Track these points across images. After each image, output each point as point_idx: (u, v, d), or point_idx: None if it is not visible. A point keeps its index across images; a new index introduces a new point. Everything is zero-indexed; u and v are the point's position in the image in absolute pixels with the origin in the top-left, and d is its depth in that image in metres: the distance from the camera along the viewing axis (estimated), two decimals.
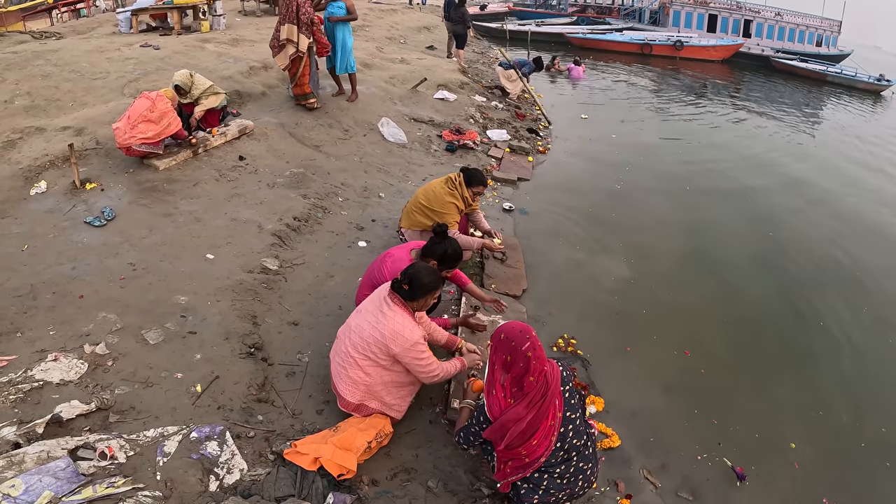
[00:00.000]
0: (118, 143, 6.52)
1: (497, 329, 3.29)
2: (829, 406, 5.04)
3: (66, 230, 5.57)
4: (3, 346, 4.03)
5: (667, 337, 5.68)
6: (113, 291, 4.72)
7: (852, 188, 10.55)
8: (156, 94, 6.65)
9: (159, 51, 10.77)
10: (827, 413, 4.96)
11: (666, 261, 7.11)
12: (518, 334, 3.17)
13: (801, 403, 5.06)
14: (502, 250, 6.16)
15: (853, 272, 7.27)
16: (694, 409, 4.85)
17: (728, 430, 4.66)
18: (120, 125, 6.48)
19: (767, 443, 4.58)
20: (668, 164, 10.77)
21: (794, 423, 4.82)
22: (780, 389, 5.19)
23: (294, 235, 6.19)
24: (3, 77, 8.88)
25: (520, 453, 3.20)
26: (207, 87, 7.60)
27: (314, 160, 7.98)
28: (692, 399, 4.95)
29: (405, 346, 3.55)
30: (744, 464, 4.32)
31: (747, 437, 4.61)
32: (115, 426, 3.45)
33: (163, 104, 6.63)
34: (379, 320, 3.61)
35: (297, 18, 8.39)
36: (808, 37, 27.54)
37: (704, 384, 5.14)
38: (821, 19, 27.76)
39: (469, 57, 17.41)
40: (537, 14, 34.62)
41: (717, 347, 5.63)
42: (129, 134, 6.41)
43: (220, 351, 4.29)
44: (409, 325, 3.62)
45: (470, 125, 10.90)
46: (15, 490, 2.80)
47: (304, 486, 3.20)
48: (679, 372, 5.26)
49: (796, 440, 4.63)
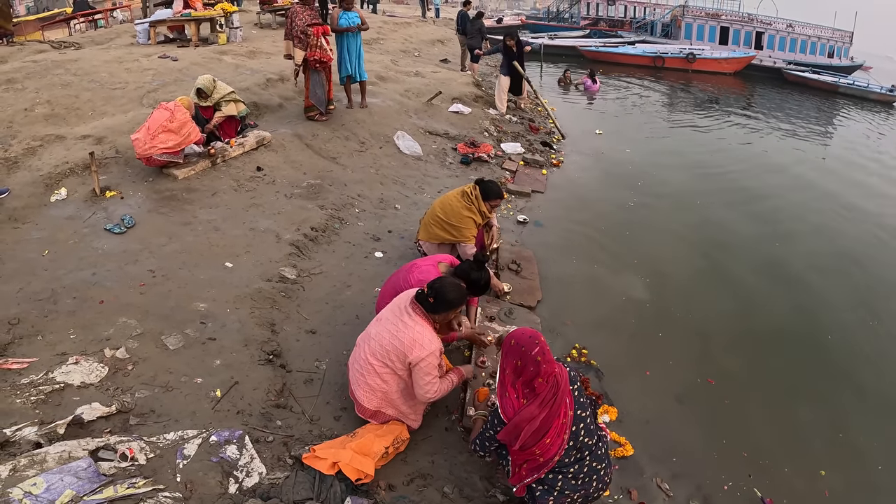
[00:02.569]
0: (138, 154, 6.60)
1: (507, 336, 3.38)
2: (848, 428, 4.95)
3: (86, 236, 5.64)
4: (24, 348, 4.10)
5: (680, 348, 5.67)
6: (133, 297, 4.78)
7: (871, 200, 10.47)
8: (174, 105, 6.74)
9: (177, 62, 10.92)
10: (847, 435, 4.89)
11: (680, 275, 7.09)
12: (528, 340, 3.27)
13: (818, 418, 5.02)
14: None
15: (872, 289, 7.18)
16: (707, 420, 4.84)
17: (739, 440, 4.65)
18: (139, 136, 6.55)
19: (797, 466, 4.51)
20: (683, 178, 10.75)
21: (807, 440, 4.80)
22: (799, 409, 5.13)
23: (311, 245, 6.24)
24: (23, 85, 9.03)
25: (534, 453, 3.23)
26: (228, 93, 7.70)
27: (331, 171, 8.05)
28: (705, 410, 4.95)
29: (422, 355, 3.57)
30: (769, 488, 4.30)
31: (766, 456, 4.58)
32: (135, 429, 3.50)
33: (181, 114, 6.71)
34: (399, 328, 3.64)
35: (291, 32, 8.62)
36: (819, 48, 27.54)
37: (717, 395, 5.12)
38: (832, 30, 27.76)
39: (483, 70, 17.52)
40: (550, 27, 34.80)
41: (729, 360, 5.60)
42: (149, 144, 6.49)
43: (239, 357, 4.33)
44: (429, 335, 3.65)
45: (484, 138, 10.95)
46: (36, 488, 2.84)
47: (322, 490, 3.23)
48: (691, 383, 5.23)
49: (812, 455, 4.61)
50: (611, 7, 35.75)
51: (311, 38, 8.61)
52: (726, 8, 31.33)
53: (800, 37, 27.63)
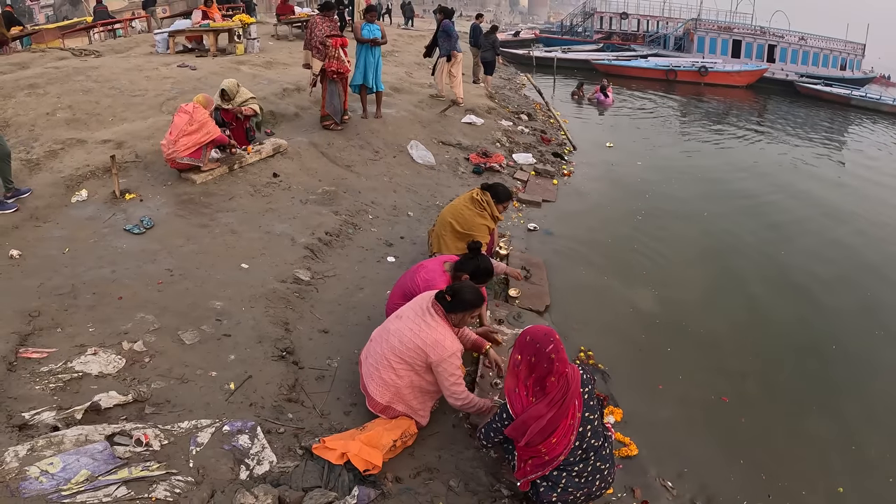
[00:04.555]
0: (166, 157, 6.84)
1: (523, 332, 3.42)
2: (861, 443, 4.91)
3: (106, 236, 5.79)
4: (43, 339, 4.22)
5: (686, 355, 5.72)
6: (151, 294, 4.90)
7: (884, 212, 10.45)
8: (192, 107, 6.89)
9: (196, 71, 11.14)
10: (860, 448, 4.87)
11: (688, 286, 7.12)
12: (543, 337, 3.30)
13: (827, 426, 5.05)
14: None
15: (885, 302, 7.13)
16: (712, 422, 4.89)
17: (746, 444, 4.69)
18: (165, 141, 6.79)
19: (812, 483, 4.50)
20: (692, 190, 10.80)
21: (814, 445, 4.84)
22: (810, 420, 5.15)
23: (325, 249, 6.35)
24: (45, 90, 9.24)
25: (539, 451, 3.27)
26: (249, 98, 7.92)
27: (345, 179, 8.18)
28: (710, 413, 5.00)
29: (443, 356, 3.65)
30: None
31: (773, 462, 4.62)
32: (150, 417, 3.60)
33: (200, 115, 6.86)
34: (422, 328, 3.73)
35: (310, 43, 8.81)
36: (832, 60, 27.52)
37: (723, 401, 5.15)
38: (844, 43, 27.77)
39: (496, 83, 17.65)
40: (563, 41, 35.02)
41: (736, 369, 5.62)
42: (172, 149, 6.70)
43: (253, 353, 4.43)
44: (450, 336, 3.74)
45: (496, 149, 11.06)
46: (53, 467, 2.96)
47: (330, 479, 3.31)
48: (697, 389, 5.27)
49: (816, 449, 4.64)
50: (624, 21, 35.96)
51: (330, 50, 8.79)
52: (739, 21, 31.47)
53: (812, 49, 27.68)
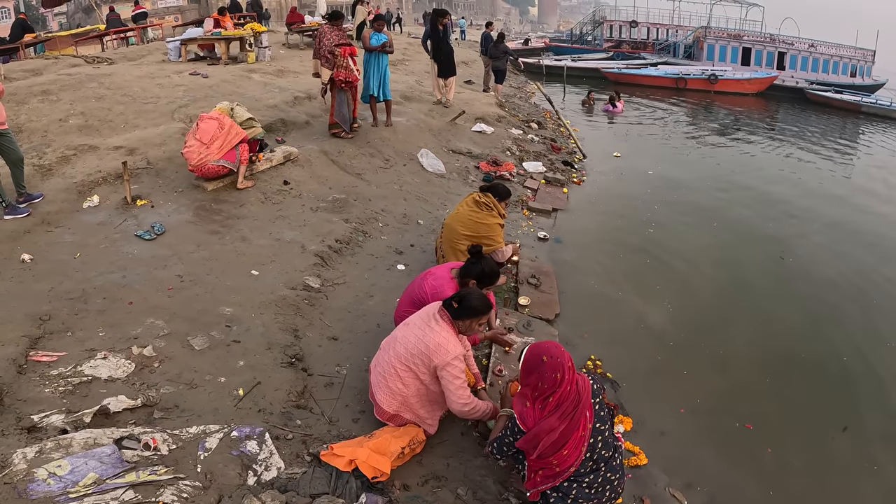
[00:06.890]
0: (191, 164, 6.77)
1: (530, 347, 3.41)
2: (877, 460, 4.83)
3: (116, 241, 5.82)
4: (53, 343, 4.24)
5: (696, 365, 5.68)
6: (161, 300, 4.92)
7: None
8: (216, 114, 6.96)
9: (208, 79, 11.22)
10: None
11: (697, 296, 7.05)
12: (551, 351, 3.30)
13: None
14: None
15: None
16: (722, 431, 4.87)
17: (757, 456, 4.65)
18: (192, 146, 6.74)
19: None
20: (703, 199, 10.72)
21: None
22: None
23: (335, 257, 6.36)
24: (58, 97, 9.34)
25: (551, 462, 3.26)
26: (246, 119, 7.85)
27: (356, 187, 8.20)
28: (721, 423, 4.96)
29: (446, 358, 3.64)
30: None
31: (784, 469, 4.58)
32: (159, 422, 3.60)
33: (227, 120, 6.96)
34: (425, 333, 3.73)
35: (319, 52, 8.86)
36: (842, 67, 27.40)
37: (733, 410, 5.11)
38: (854, 49, 27.63)
39: (506, 91, 17.70)
40: (573, 49, 35.04)
41: (745, 380, 5.58)
42: (205, 153, 6.70)
43: (262, 359, 4.44)
44: (453, 340, 3.74)
45: (506, 157, 11.07)
46: (61, 470, 2.96)
47: (338, 486, 3.30)
48: (707, 399, 5.22)
49: None
50: (633, 29, 35.95)
51: (338, 59, 8.84)
52: (748, 29, 31.42)
53: (822, 56, 27.55)
